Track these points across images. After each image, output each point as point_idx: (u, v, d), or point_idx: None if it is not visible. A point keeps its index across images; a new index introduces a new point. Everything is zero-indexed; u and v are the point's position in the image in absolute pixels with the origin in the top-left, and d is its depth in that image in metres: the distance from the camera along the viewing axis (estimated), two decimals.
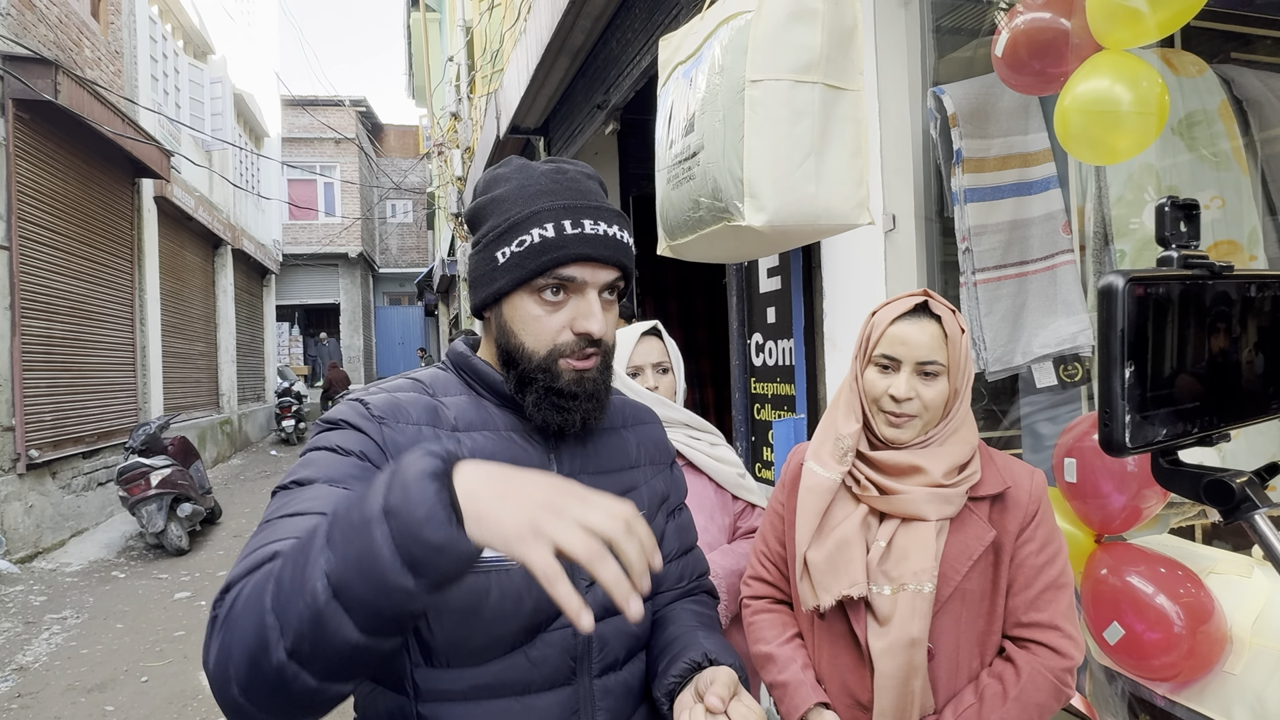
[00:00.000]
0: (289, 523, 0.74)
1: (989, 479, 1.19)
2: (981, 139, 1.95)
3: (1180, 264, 0.62)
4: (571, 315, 0.88)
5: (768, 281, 2.64)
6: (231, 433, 11.78)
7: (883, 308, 1.23)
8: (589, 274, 0.88)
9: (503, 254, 0.87)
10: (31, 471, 5.95)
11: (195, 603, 5.07)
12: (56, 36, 6.61)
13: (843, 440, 1.21)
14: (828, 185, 1.46)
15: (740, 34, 1.46)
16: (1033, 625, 1.15)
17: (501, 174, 0.93)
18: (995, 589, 1.17)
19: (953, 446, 1.18)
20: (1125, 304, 0.56)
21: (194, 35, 10.84)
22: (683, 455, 1.64)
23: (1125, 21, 1.32)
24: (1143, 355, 0.57)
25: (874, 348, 1.20)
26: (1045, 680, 1.12)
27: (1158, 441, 0.60)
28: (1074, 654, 1.13)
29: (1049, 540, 1.18)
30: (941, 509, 1.14)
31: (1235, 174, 1.85)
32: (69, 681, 3.87)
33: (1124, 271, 0.57)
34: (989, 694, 1.12)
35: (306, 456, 0.83)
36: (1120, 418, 0.57)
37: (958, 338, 1.17)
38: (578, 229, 0.86)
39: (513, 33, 6.32)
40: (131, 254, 8.24)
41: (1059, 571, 1.17)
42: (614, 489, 0.97)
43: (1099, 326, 0.58)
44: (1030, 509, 1.18)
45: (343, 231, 20.13)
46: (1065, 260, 1.92)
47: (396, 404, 0.88)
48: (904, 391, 1.16)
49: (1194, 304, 0.61)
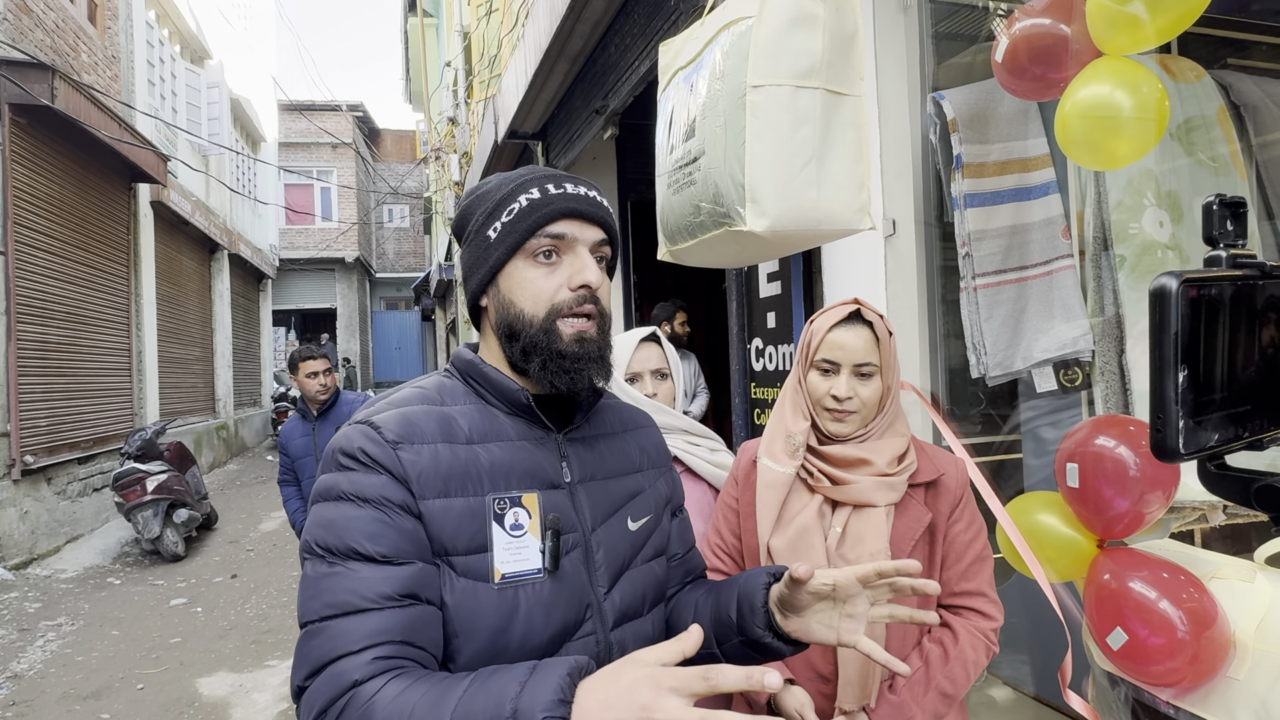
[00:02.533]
0: (351, 625, 0.76)
1: (923, 468, 1.33)
2: (981, 144, 1.96)
3: (1229, 264, 0.60)
4: (567, 273, 0.91)
5: (768, 286, 2.64)
6: (228, 438, 11.74)
7: (819, 316, 1.36)
8: (578, 230, 0.91)
9: (494, 229, 0.91)
10: (27, 477, 5.92)
11: (191, 609, 5.05)
12: (53, 41, 6.60)
13: (794, 437, 1.34)
14: (829, 190, 1.46)
15: (741, 39, 1.46)
16: (964, 594, 1.32)
17: (483, 180, 0.99)
18: (931, 565, 1.31)
19: (890, 439, 1.32)
20: (1179, 306, 0.54)
21: (191, 40, 10.84)
22: (682, 461, 1.64)
23: (1125, 27, 1.32)
24: (1195, 358, 0.55)
25: (815, 353, 1.33)
26: (979, 640, 1.29)
27: (1210, 446, 0.58)
28: (998, 616, 1.32)
29: (973, 519, 1.35)
30: (888, 495, 1.28)
31: (1233, 179, 1.86)
32: (64, 689, 3.85)
33: (1176, 273, 0.55)
34: (933, 657, 1.28)
35: (327, 511, 0.82)
36: (1174, 423, 0.55)
37: (887, 340, 1.32)
38: (560, 189, 0.91)
39: (511, 38, 6.33)
40: (128, 259, 8.22)
41: (982, 546, 1.34)
42: (622, 493, 0.98)
43: (1151, 330, 0.56)
44: (958, 493, 1.34)
45: (339, 236, 20.11)
46: (1065, 265, 1.93)
47: (409, 423, 0.86)
48: (845, 391, 1.29)
49: (1245, 304, 0.59)
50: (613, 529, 0.94)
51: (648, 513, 1.00)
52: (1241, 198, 0.63)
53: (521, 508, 0.86)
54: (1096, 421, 1.52)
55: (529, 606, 0.84)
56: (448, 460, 0.85)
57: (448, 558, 0.82)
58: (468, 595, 0.82)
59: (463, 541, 0.83)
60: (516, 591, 0.83)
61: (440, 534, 0.82)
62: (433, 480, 0.83)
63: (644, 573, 0.97)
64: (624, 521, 0.96)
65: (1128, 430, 1.42)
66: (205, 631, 4.63)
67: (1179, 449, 0.56)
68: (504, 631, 0.82)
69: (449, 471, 0.84)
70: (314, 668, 0.75)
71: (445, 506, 0.83)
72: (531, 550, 0.85)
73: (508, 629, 0.82)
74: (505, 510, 0.85)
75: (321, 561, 0.79)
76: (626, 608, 0.93)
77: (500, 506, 0.85)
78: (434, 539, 0.82)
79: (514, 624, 0.83)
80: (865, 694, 1.24)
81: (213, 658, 4.21)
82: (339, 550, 0.79)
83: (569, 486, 0.92)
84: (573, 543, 0.89)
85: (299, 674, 0.76)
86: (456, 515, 0.83)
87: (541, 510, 0.87)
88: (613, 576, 0.92)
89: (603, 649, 0.89)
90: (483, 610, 0.82)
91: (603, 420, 1.02)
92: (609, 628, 0.90)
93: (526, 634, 0.83)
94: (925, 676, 1.26)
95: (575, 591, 0.88)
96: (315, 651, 0.76)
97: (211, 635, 4.56)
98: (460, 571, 0.82)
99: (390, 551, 0.79)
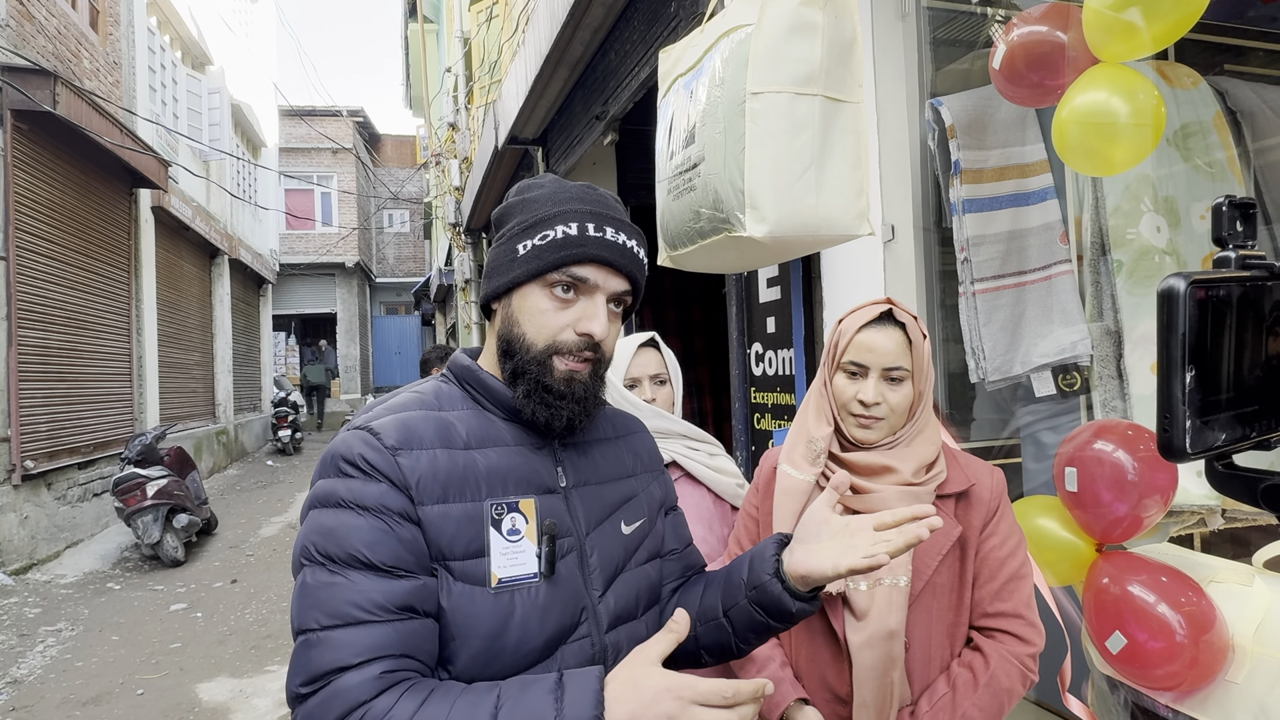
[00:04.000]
0: (351, 636, 0.76)
1: (954, 477, 1.24)
2: (979, 150, 1.97)
3: (1238, 264, 0.61)
4: (577, 315, 0.90)
5: (767, 291, 2.65)
6: (228, 443, 11.73)
7: (849, 316, 1.27)
8: (602, 278, 0.90)
9: (524, 246, 0.90)
10: (27, 482, 5.92)
11: (191, 614, 5.04)
12: (55, 48, 6.63)
13: (815, 443, 1.26)
14: (828, 196, 1.47)
15: (741, 47, 1.47)
16: (998, 615, 1.21)
17: (536, 181, 0.97)
18: (962, 582, 1.22)
19: (919, 446, 1.23)
20: (1186, 307, 0.54)
21: (192, 46, 10.87)
22: (680, 466, 1.62)
23: (1121, 35, 1.33)
24: (1203, 359, 0.55)
25: (842, 355, 1.24)
26: (1012, 667, 1.17)
27: (1217, 446, 0.58)
28: (1036, 640, 1.20)
29: (1010, 534, 1.24)
30: (912, 506, 1.19)
31: (1230, 184, 1.87)
32: (64, 695, 3.84)
33: (1185, 274, 0.55)
34: (961, 682, 1.17)
35: (325, 518, 0.82)
36: (1181, 423, 0.55)
37: (920, 344, 1.22)
38: (600, 233, 0.90)
39: (511, 44, 6.35)
40: (128, 264, 8.23)
41: (1020, 563, 1.23)
42: (616, 497, 0.99)
43: (1158, 330, 0.56)
44: (992, 505, 1.24)
45: (340, 241, 20.12)
46: (1063, 270, 1.94)
47: (407, 428, 0.86)
48: (872, 396, 1.20)
49: (1253, 305, 0.59)
50: (607, 533, 0.95)
51: (641, 516, 1.01)
52: (1251, 199, 0.63)
53: (519, 513, 0.87)
54: (1095, 426, 1.53)
55: (525, 611, 0.84)
56: (446, 466, 0.85)
57: (445, 562, 0.83)
58: (464, 600, 0.82)
59: (460, 546, 0.83)
60: (512, 596, 0.84)
61: (439, 539, 0.83)
62: (432, 486, 0.83)
63: (638, 575, 0.98)
64: (618, 526, 0.97)
65: (1126, 434, 1.43)
66: (205, 637, 4.62)
67: (1185, 449, 0.56)
68: (500, 635, 0.83)
69: (448, 477, 0.85)
70: (311, 677, 0.75)
71: (444, 512, 0.83)
72: (528, 555, 0.86)
73: (503, 633, 0.83)
74: (503, 515, 0.86)
75: (321, 569, 0.79)
76: (621, 610, 0.94)
77: (498, 512, 0.86)
78: (432, 544, 0.82)
79: (510, 628, 0.83)
80: (882, 718, 1.17)
81: (213, 663, 4.21)
82: (338, 558, 0.79)
83: (564, 491, 0.93)
84: (568, 547, 0.90)
85: (295, 680, 0.76)
86: (455, 520, 0.83)
87: (538, 515, 0.88)
88: (607, 580, 0.93)
89: (598, 651, 0.90)
90: (479, 615, 0.82)
91: (597, 426, 1.03)
92: (604, 630, 0.91)
93: (522, 638, 0.84)
94: (951, 703, 1.16)
95: (570, 595, 0.89)
96: (314, 661, 0.76)
97: (211, 640, 4.55)
98: (457, 576, 0.83)
99: (391, 561, 0.79)
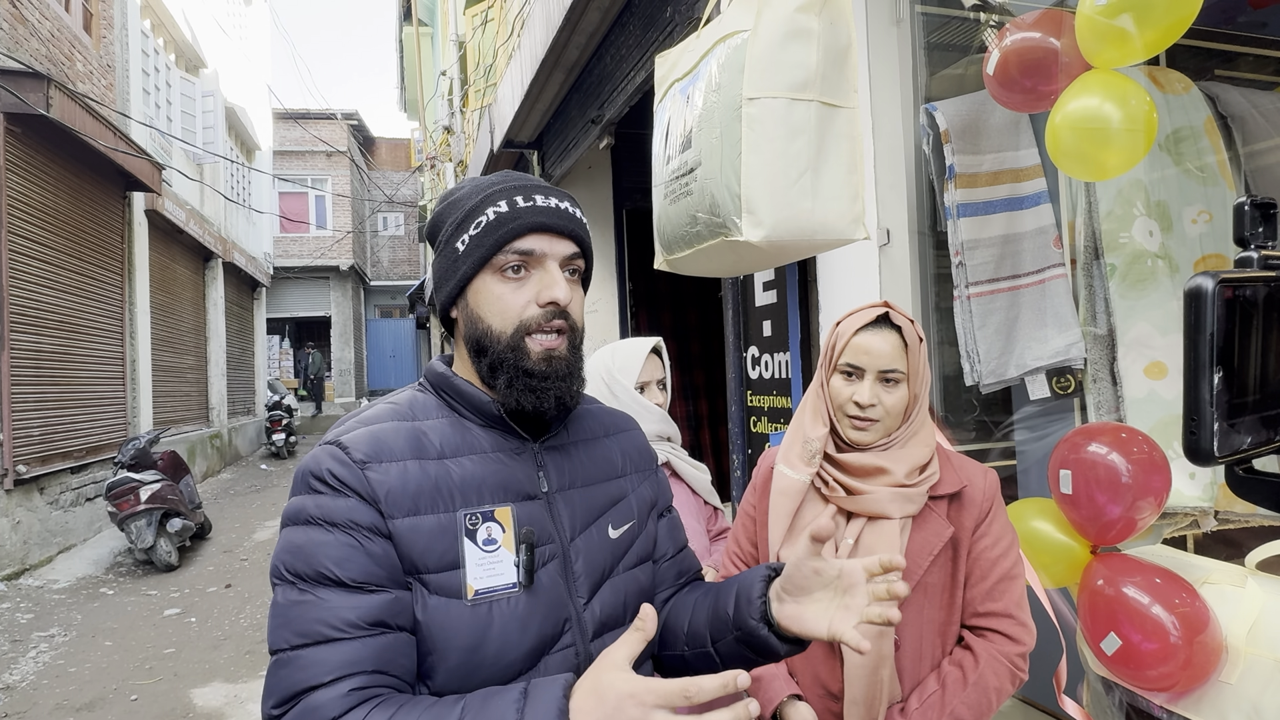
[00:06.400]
0: (322, 655, 0.75)
1: (946, 479, 1.26)
2: (973, 155, 1.98)
3: (1260, 264, 0.60)
4: (536, 288, 0.89)
5: (763, 295, 2.66)
6: (221, 447, 11.68)
7: (846, 318, 1.29)
8: (547, 245, 0.89)
9: (462, 241, 0.90)
10: (19, 487, 5.88)
11: (185, 619, 5.02)
12: (49, 50, 6.60)
13: (811, 443, 1.28)
14: (824, 201, 1.48)
15: (737, 52, 1.48)
16: (989, 614, 1.23)
17: (456, 186, 0.97)
18: (954, 582, 1.24)
19: (913, 448, 1.25)
20: (1215, 307, 0.53)
21: (186, 49, 10.85)
22: (671, 467, 1.74)
23: (1114, 41, 1.35)
24: (1230, 360, 0.54)
25: (839, 357, 1.27)
26: (1002, 666, 1.20)
27: (1243, 450, 0.57)
28: (1027, 640, 1.23)
29: (1002, 535, 1.26)
30: (904, 507, 1.22)
31: (1221, 188, 1.89)
32: (57, 700, 3.82)
33: (1212, 273, 0.54)
34: (950, 680, 1.20)
35: (295, 535, 0.81)
36: (1208, 425, 0.54)
37: (916, 346, 1.25)
38: (530, 202, 0.89)
39: (506, 48, 6.36)
40: (122, 267, 8.19)
41: (1011, 563, 1.25)
42: (603, 499, 0.97)
43: (1185, 330, 0.54)
44: (985, 506, 1.26)
45: (334, 244, 20.08)
46: (1056, 274, 1.95)
47: (377, 441, 0.84)
48: (868, 398, 1.23)
49: (1277, 306, 0.58)
50: (592, 538, 0.93)
51: (630, 519, 0.99)
52: (1273, 199, 0.62)
53: (495, 522, 0.85)
54: (1089, 428, 1.54)
55: (504, 622, 0.82)
56: (416, 477, 0.83)
57: (419, 576, 0.81)
58: (440, 613, 0.81)
59: (434, 559, 0.81)
60: (490, 607, 0.82)
61: (411, 552, 0.81)
62: (401, 499, 0.82)
63: (626, 580, 0.95)
64: (605, 529, 0.95)
65: (1120, 437, 1.44)
66: (199, 642, 4.60)
67: (1214, 452, 0.55)
68: (478, 648, 0.81)
69: (418, 489, 0.83)
70: (283, 698, 0.74)
71: (414, 525, 0.81)
72: (506, 565, 0.84)
73: (482, 645, 0.81)
74: (478, 525, 0.84)
75: (291, 588, 0.78)
76: (607, 617, 0.91)
77: (472, 522, 0.84)
78: (405, 558, 0.81)
79: (488, 640, 0.81)
80: (871, 714, 1.20)
81: (207, 668, 4.18)
82: (308, 576, 0.78)
83: (546, 496, 0.91)
84: (550, 554, 0.88)
85: (268, 702, 0.76)
86: (426, 533, 0.82)
87: (516, 523, 0.86)
88: (593, 586, 0.91)
89: (582, 660, 0.87)
90: (456, 628, 0.81)
91: (582, 426, 1.01)
92: (589, 638, 0.89)
93: (501, 649, 0.82)
94: (940, 701, 1.18)
95: (553, 604, 0.86)
96: (285, 681, 0.75)
97: (206, 645, 4.53)
98: (433, 589, 0.81)
99: (360, 577, 0.78)
